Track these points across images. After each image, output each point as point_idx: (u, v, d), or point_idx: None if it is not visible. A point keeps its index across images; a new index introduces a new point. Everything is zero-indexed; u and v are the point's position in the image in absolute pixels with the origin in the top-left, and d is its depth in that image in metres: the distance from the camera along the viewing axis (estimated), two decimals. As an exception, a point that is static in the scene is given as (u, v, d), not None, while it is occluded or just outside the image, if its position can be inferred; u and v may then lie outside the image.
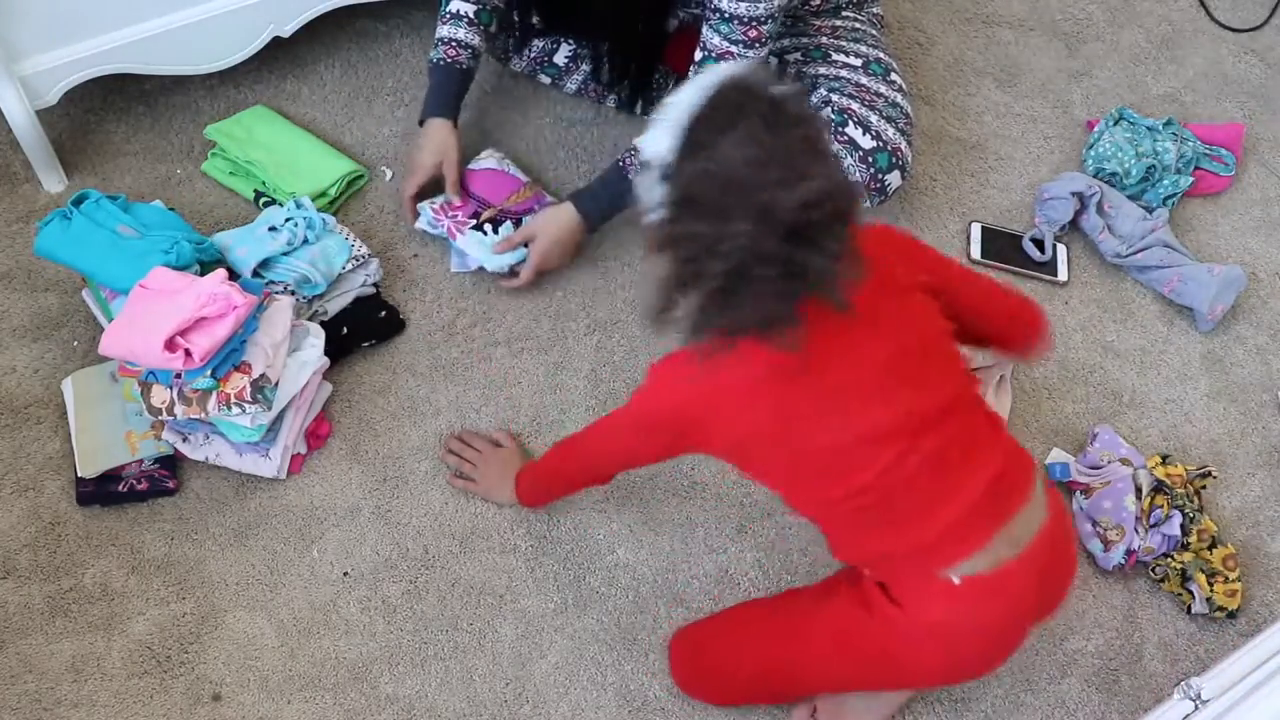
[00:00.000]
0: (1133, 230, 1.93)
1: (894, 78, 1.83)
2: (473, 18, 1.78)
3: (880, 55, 1.85)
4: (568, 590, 1.58)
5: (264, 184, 1.86)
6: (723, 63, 1.64)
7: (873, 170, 1.76)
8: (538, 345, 1.79)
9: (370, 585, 1.57)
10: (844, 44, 1.86)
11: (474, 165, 1.86)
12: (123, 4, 1.74)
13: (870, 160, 1.76)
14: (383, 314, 1.76)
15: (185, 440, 1.60)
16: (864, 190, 1.77)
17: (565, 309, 1.83)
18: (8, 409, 1.67)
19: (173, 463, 1.61)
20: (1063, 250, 1.94)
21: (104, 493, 1.58)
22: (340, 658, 1.52)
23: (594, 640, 1.55)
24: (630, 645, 1.55)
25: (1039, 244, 1.93)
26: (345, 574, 1.58)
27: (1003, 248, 1.94)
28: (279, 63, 2.03)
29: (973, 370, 1.77)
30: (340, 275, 1.72)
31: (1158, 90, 2.20)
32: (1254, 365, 1.87)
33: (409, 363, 1.76)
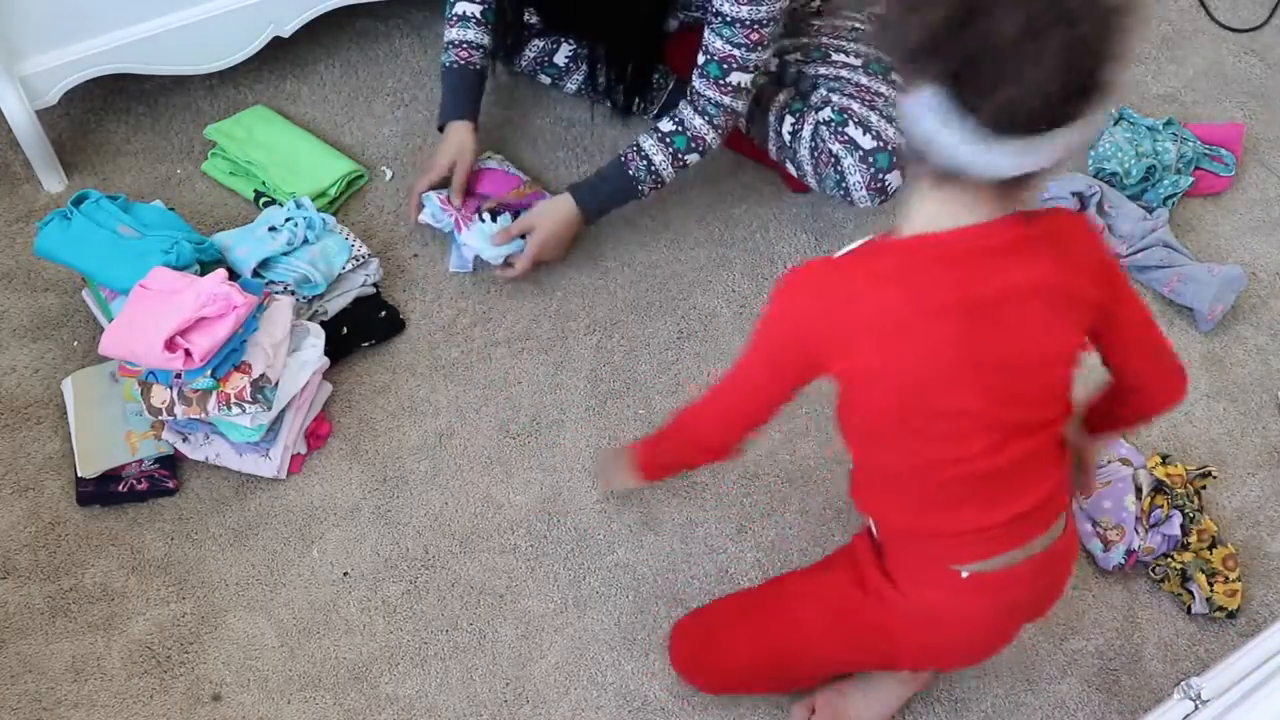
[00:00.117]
0: (1133, 230, 1.93)
1: (894, 76, 1.83)
2: (479, 17, 1.79)
3: (880, 55, 1.85)
4: (568, 590, 1.58)
5: (264, 184, 1.86)
6: (725, 67, 1.65)
7: (873, 170, 1.76)
8: (538, 345, 1.79)
9: (370, 585, 1.57)
10: (844, 43, 1.86)
11: (477, 165, 1.86)
12: (123, 4, 1.74)
13: (871, 160, 1.76)
14: (383, 314, 1.76)
15: (185, 440, 1.60)
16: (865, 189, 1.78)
17: (565, 309, 1.83)
18: (8, 409, 1.67)
19: (173, 463, 1.61)
20: (1063, 250, 1.94)
21: (104, 493, 1.58)
22: (340, 658, 1.52)
23: (594, 640, 1.55)
24: (630, 645, 1.55)
25: (1039, 244, 1.93)
26: (345, 574, 1.58)
27: (1003, 248, 1.94)
28: (279, 63, 2.03)
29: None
30: (340, 275, 1.73)
31: (1158, 90, 2.20)
32: (1254, 365, 1.87)
33: (409, 363, 1.76)
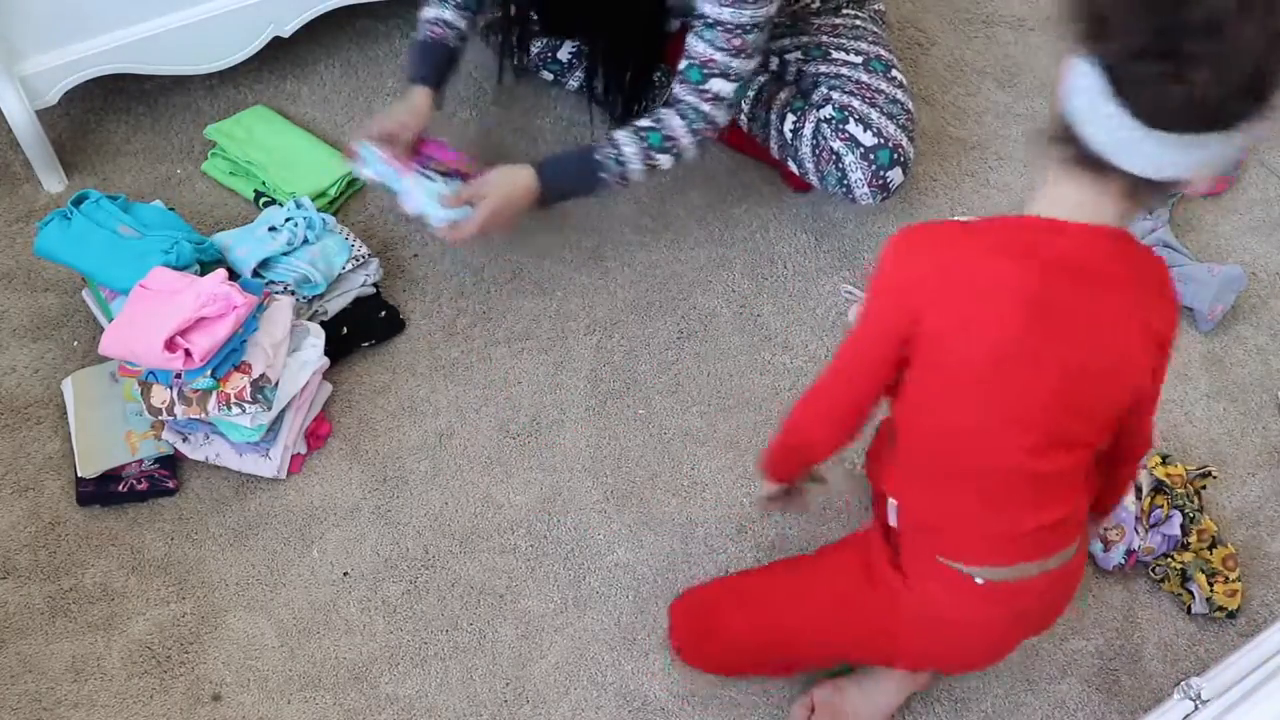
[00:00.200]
0: (1132, 230, 1.93)
1: (895, 74, 1.83)
2: (460, 1, 1.74)
3: (881, 52, 1.85)
4: (568, 590, 1.58)
5: (264, 184, 1.86)
6: (706, 71, 1.62)
7: (874, 167, 1.76)
8: (538, 345, 1.79)
9: (370, 585, 1.57)
10: (844, 41, 1.86)
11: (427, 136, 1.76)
12: (123, 4, 1.74)
13: (872, 157, 1.76)
14: (383, 314, 1.76)
15: (185, 440, 1.60)
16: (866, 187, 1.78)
17: (565, 309, 1.83)
18: (8, 409, 1.67)
19: (173, 463, 1.61)
20: (1063, 250, 1.94)
21: (104, 493, 1.58)
22: (340, 658, 1.52)
23: (594, 640, 1.55)
24: (630, 645, 1.55)
25: (1039, 244, 1.93)
26: (345, 574, 1.58)
27: (1003, 248, 1.94)
28: (279, 63, 2.04)
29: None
30: (340, 275, 1.72)
31: (1158, 90, 2.20)
32: (1254, 365, 1.87)
33: (409, 363, 1.76)
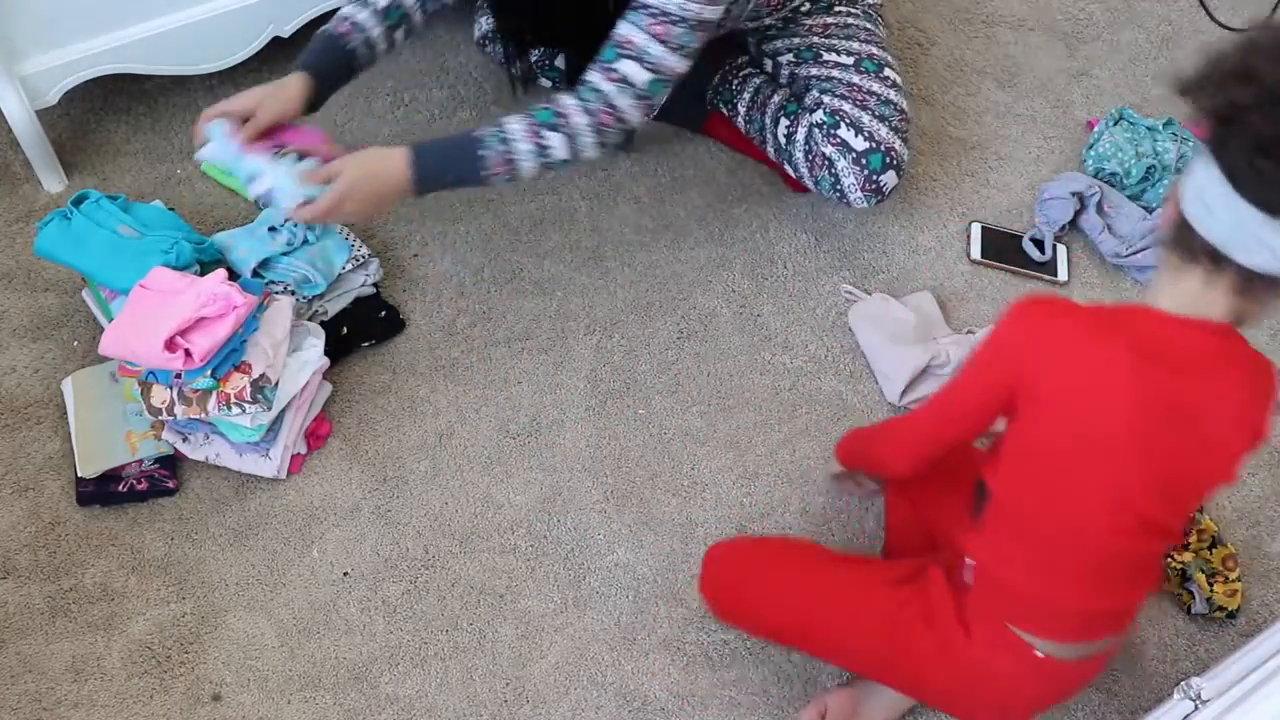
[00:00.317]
0: (1133, 230, 1.93)
1: (888, 73, 1.81)
2: (380, 9, 1.60)
3: (873, 51, 1.83)
4: (568, 590, 1.58)
5: (264, 184, 1.86)
6: (619, 51, 1.51)
7: (867, 172, 1.76)
8: (538, 345, 1.79)
9: (370, 585, 1.57)
10: (835, 42, 1.84)
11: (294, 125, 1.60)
12: (123, 4, 1.74)
13: (864, 162, 1.75)
14: (383, 314, 1.76)
15: (185, 440, 1.60)
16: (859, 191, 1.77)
17: (565, 309, 1.83)
18: (8, 409, 1.67)
19: (173, 463, 1.61)
20: (1063, 250, 1.94)
21: (104, 493, 1.58)
22: (340, 658, 1.52)
23: (594, 640, 1.55)
24: (630, 645, 1.55)
25: (1039, 244, 1.93)
26: (345, 574, 1.58)
27: (1003, 248, 1.94)
28: (279, 63, 2.03)
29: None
30: (340, 275, 1.72)
31: (1158, 90, 2.20)
32: (1254, 365, 1.87)
33: (409, 363, 1.76)
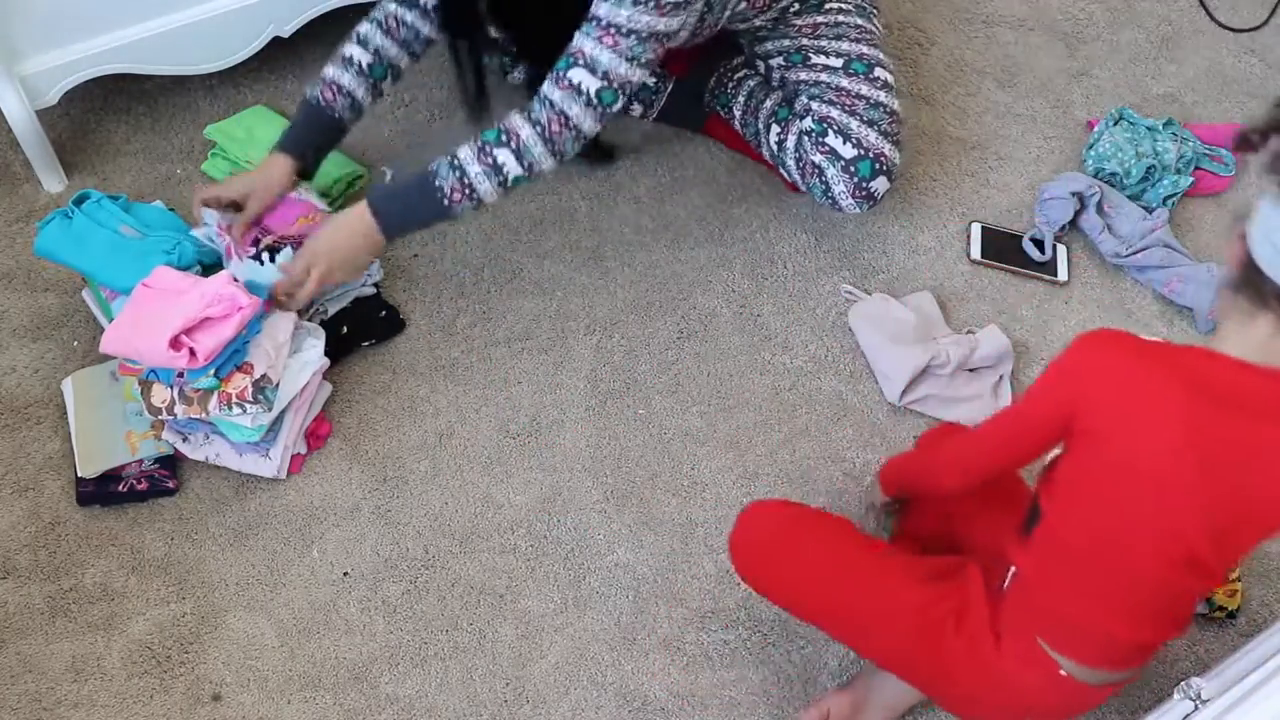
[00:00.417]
0: (1132, 230, 1.93)
1: (878, 73, 1.78)
2: (363, 68, 1.65)
3: (863, 50, 1.80)
4: (568, 590, 1.58)
5: (264, 184, 1.86)
6: (571, 60, 1.51)
7: (856, 180, 1.74)
8: (538, 345, 1.79)
9: (370, 585, 1.57)
10: (824, 43, 1.81)
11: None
12: (123, 4, 1.74)
13: (853, 169, 1.74)
14: (383, 314, 1.76)
15: (185, 440, 1.60)
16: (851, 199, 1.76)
17: (565, 309, 1.83)
18: (8, 409, 1.67)
19: (173, 463, 1.61)
20: (1063, 250, 1.94)
21: (104, 493, 1.58)
22: (340, 658, 1.52)
23: (594, 640, 1.55)
24: (630, 645, 1.55)
25: (1039, 244, 1.93)
26: (345, 574, 1.58)
27: (1003, 248, 1.94)
28: (279, 63, 2.04)
29: (973, 371, 1.78)
30: (340, 275, 1.72)
31: (1158, 90, 2.20)
32: (1254, 365, 1.87)
33: (409, 363, 1.76)
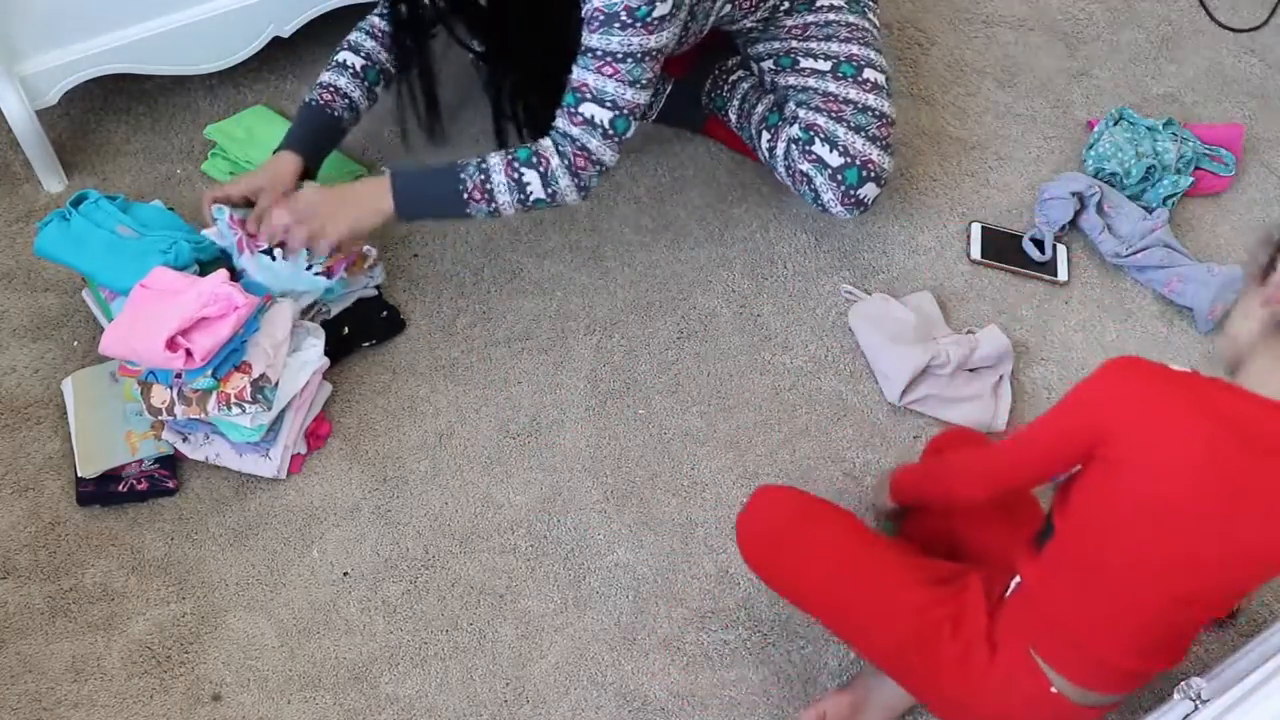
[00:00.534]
0: (1132, 230, 1.93)
1: (868, 75, 1.76)
2: (358, 71, 1.70)
3: (853, 51, 1.77)
4: (568, 590, 1.58)
5: (264, 184, 1.86)
6: (579, 96, 1.53)
7: (844, 188, 1.73)
8: (538, 345, 1.79)
9: (370, 585, 1.57)
10: (813, 45, 1.79)
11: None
12: (123, 4, 1.74)
13: (840, 178, 1.73)
14: (383, 314, 1.76)
15: (185, 440, 1.60)
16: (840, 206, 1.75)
17: (565, 309, 1.83)
18: (8, 409, 1.67)
19: (173, 463, 1.61)
20: (1063, 250, 1.94)
21: (104, 493, 1.58)
22: (340, 658, 1.52)
23: (594, 640, 1.55)
24: (630, 645, 1.55)
25: (1039, 244, 1.93)
26: (345, 574, 1.58)
27: (1003, 248, 1.94)
28: (279, 63, 2.03)
29: (970, 369, 1.78)
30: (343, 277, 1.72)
31: (1158, 90, 2.20)
32: (1254, 365, 1.87)
33: (409, 363, 1.76)
